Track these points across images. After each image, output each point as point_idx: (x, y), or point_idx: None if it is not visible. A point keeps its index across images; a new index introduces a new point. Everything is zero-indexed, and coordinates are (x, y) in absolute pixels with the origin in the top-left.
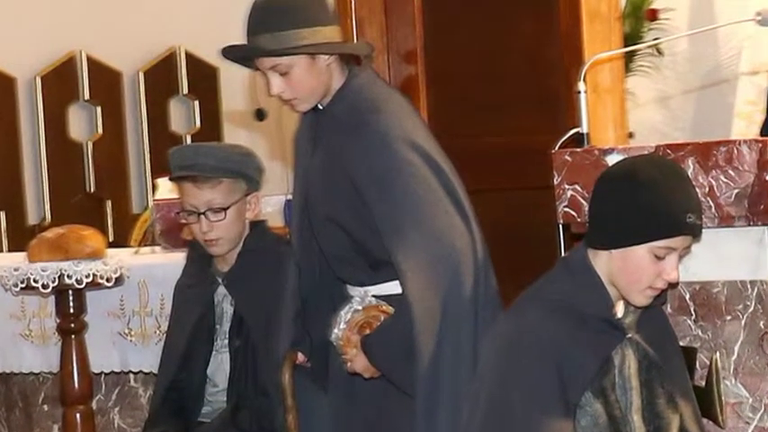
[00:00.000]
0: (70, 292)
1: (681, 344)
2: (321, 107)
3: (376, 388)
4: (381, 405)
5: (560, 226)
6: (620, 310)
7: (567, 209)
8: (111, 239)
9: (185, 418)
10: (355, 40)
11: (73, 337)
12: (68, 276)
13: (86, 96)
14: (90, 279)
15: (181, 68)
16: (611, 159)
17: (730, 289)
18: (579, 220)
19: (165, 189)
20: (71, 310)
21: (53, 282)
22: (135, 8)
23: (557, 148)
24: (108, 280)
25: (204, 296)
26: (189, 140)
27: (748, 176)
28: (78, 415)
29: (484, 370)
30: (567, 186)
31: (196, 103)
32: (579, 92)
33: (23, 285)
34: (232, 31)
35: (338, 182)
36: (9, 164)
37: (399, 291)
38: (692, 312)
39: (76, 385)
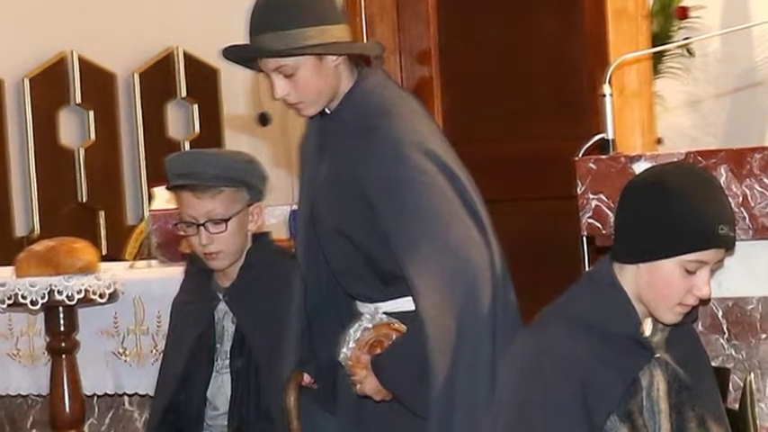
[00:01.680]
0: (61, 308)
1: (713, 364)
2: (328, 111)
3: (387, 411)
4: (392, 429)
5: (584, 238)
6: (647, 328)
7: (591, 220)
8: (104, 253)
9: None
10: (365, 40)
11: (64, 357)
12: (59, 292)
13: (78, 100)
14: (82, 295)
15: (179, 70)
16: (639, 167)
17: (765, 305)
18: (604, 231)
19: (162, 199)
20: (62, 329)
21: (42, 298)
22: (130, 6)
23: (580, 155)
24: (101, 296)
25: (204, 313)
26: (187, 147)
27: None
28: None
29: (502, 392)
30: (591, 196)
31: (195, 106)
32: (604, 95)
33: (11, 302)
34: (234, 29)
35: (347, 191)
36: None
37: (412, 307)
38: (725, 330)
39: (67, 409)
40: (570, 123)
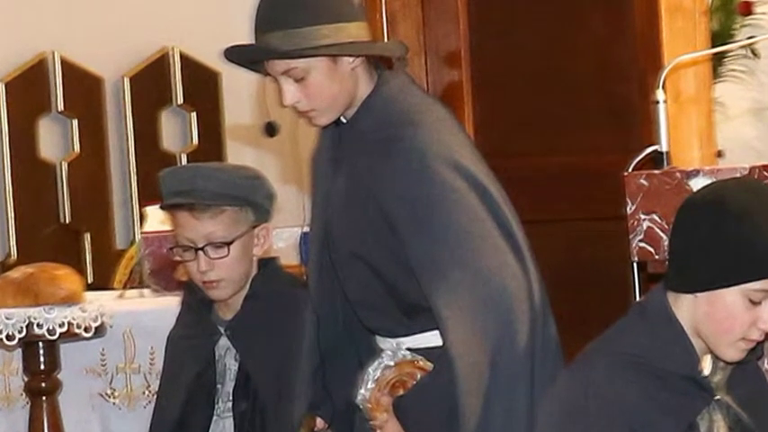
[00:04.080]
0: (41, 344)
1: None
2: (344, 120)
3: None
4: None
5: (634, 264)
6: (707, 366)
7: (642, 243)
8: (89, 280)
9: None
10: (386, 39)
11: (44, 398)
12: (38, 325)
13: (60, 107)
14: (65, 329)
15: (175, 73)
16: (696, 183)
17: None
18: (657, 256)
19: (156, 219)
20: (42, 367)
21: (20, 332)
22: (120, 2)
23: (630, 169)
24: (86, 330)
25: (203, 350)
26: (184, 160)
27: None
28: None
29: None
30: (642, 216)
31: (193, 115)
32: (658, 102)
33: None
34: (237, 28)
35: (365, 211)
36: None
37: (439, 343)
38: None
39: None
40: (619, 134)
